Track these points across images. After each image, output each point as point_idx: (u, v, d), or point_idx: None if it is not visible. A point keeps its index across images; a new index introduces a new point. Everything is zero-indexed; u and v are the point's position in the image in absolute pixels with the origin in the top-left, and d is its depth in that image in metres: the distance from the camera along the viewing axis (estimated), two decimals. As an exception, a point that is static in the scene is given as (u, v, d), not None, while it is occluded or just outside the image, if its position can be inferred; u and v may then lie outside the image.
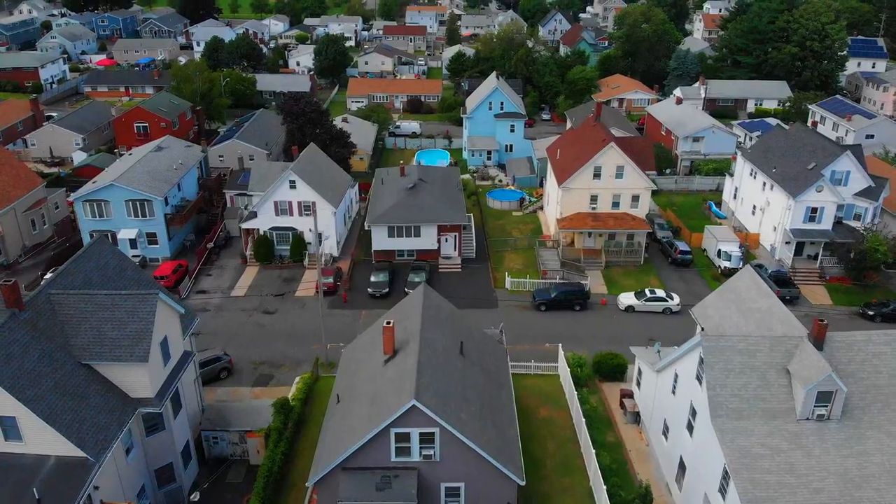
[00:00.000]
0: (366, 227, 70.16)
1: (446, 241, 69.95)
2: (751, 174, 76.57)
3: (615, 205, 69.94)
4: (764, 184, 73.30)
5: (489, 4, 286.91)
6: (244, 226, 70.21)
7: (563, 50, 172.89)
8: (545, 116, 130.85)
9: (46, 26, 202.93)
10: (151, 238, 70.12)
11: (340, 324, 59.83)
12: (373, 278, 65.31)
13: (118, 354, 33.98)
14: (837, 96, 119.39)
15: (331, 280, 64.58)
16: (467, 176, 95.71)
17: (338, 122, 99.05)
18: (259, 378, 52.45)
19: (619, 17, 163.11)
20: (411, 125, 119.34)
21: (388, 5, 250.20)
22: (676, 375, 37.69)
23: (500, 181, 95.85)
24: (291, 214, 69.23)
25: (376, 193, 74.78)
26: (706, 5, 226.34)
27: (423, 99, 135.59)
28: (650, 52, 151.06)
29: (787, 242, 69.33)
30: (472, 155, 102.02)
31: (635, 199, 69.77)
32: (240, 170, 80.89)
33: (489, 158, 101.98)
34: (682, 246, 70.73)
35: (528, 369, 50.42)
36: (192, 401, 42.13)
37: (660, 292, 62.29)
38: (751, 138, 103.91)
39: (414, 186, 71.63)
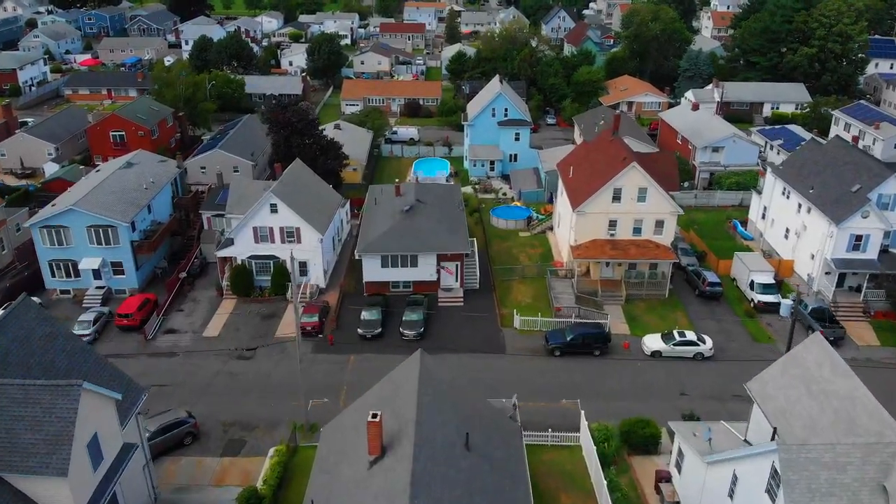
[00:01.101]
0: (356, 257, 62.66)
1: (447, 271, 62.56)
2: (783, 193, 69.13)
3: (637, 231, 62.28)
4: (799, 205, 65.86)
5: (489, 0, 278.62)
6: (220, 254, 62.73)
7: (567, 49, 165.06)
8: (550, 121, 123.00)
9: (31, 24, 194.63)
10: (117, 267, 62.74)
11: (325, 372, 52.47)
12: (364, 316, 57.82)
13: (31, 465, 26.68)
14: (862, 101, 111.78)
15: (315, 318, 57.14)
16: (469, 189, 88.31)
17: (329, 129, 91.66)
18: (229, 444, 45.07)
19: (627, 16, 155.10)
20: (409, 131, 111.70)
21: (385, 2, 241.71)
22: (736, 477, 30.39)
23: (505, 194, 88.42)
24: (273, 241, 61.70)
25: (369, 215, 67.22)
26: (713, 2, 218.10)
27: (421, 102, 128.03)
28: (659, 52, 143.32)
29: (827, 273, 62.09)
30: (474, 165, 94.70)
31: (659, 224, 62.08)
32: (218, 187, 73.34)
33: (492, 169, 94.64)
34: (710, 277, 63.18)
35: (544, 439, 42.95)
36: (139, 496, 34.82)
37: (690, 335, 54.70)
38: (772, 147, 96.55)
39: (411, 209, 64.20)
